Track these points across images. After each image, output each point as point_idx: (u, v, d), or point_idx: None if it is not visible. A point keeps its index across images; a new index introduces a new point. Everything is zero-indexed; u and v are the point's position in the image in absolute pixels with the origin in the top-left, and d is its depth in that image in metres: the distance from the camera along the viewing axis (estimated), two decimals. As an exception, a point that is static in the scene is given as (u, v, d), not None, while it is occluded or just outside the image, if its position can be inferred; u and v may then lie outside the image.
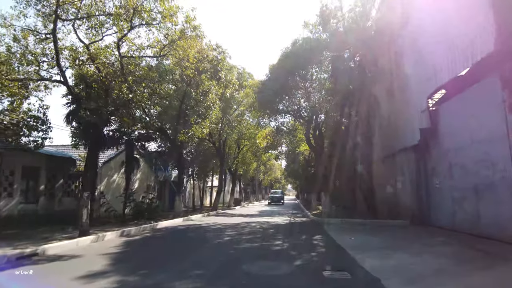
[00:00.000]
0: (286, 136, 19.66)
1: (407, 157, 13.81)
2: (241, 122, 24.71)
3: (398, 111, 14.40)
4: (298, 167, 30.53)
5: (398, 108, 14.39)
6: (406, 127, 13.77)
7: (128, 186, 15.76)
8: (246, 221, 15.39)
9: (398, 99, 14.25)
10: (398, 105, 14.34)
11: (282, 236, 10.03)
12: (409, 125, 13.43)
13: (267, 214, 21.48)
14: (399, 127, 14.44)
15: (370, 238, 9.75)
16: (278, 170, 60.31)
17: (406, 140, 13.81)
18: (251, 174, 40.46)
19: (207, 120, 16.08)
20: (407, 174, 13.85)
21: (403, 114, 13.96)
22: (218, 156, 24.90)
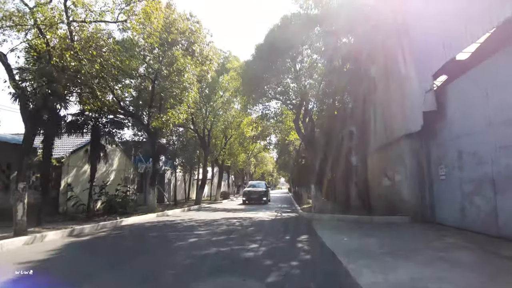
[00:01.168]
0: (274, 121, 17.89)
1: (407, 146, 12.19)
2: (227, 110, 22.92)
3: (398, 94, 12.74)
4: (288, 159, 28.87)
5: (398, 91, 12.72)
6: (407, 111, 12.12)
7: (93, 177, 13.93)
8: (227, 217, 13.72)
9: (398, 80, 12.58)
10: (399, 87, 12.67)
11: (262, 237, 8.35)
12: (411, 109, 11.79)
13: (252, 209, 19.82)
14: (399, 112, 12.79)
15: (366, 239, 8.12)
16: (270, 163, 58.69)
17: (406, 126, 12.17)
18: (240, 166, 38.72)
19: (184, 104, 14.30)
20: (407, 165, 12.24)
21: (404, 97, 12.30)
22: (202, 146, 23.13)
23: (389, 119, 13.74)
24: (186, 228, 10.08)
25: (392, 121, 13.50)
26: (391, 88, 13.19)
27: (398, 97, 12.74)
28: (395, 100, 12.99)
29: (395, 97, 12.95)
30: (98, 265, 5.55)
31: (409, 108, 11.88)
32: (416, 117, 11.33)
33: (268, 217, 13.81)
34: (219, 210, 18.67)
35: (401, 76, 12.34)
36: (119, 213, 15.65)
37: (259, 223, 11.55)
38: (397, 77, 12.60)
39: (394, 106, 13.10)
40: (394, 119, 13.23)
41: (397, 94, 12.80)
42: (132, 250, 6.90)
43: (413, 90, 11.57)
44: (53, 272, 5.14)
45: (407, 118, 12.09)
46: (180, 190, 33.20)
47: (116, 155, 21.70)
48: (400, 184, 12.96)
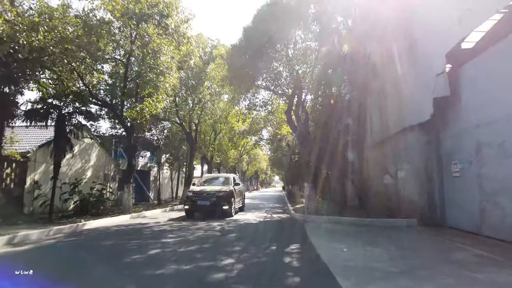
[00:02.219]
0: (263, 113, 16.19)
1: (413, 139, 10.70)
2: (215, 102, 21.27)
3: (404, 79, 11.23)
4: (281, 156, 27.31)
5: (404, 76, 11.22)
6: (414, 99, 10.63)
7: (57, 174, 12.27)
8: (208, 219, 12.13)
9: (404, 63, 11.06)
10: (404, 72, 11.16)
11: (242, 247, 6.78)
12: (419, 96, 10.30)
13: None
14: (404, 100, 11.30)
15: (370, 248, 6.60)
16: (263, 160, 57.10)
17: (413, 116, 10.69)
18: (232, 163, 37.07)
19: (161, 91, 12.65)
20: (413, 161, 10.76)
21: (411, 83, 10.79)
22: (188, 141, 21.46)
23: (392, 109, 12.25)
24: (155, 234, 8.46)
25: (395, 111, 12.01)
26: (395, 73, 11.68)
27: (403, 83, 11.23)
28: (399, 86, 11.48)
29: (400, 83, 11.44)
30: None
31: (417, 95, 10.37)
32: (424, 105, 9.85)
33: (256, 219, 12.25)
34: (204, 210, 17.06)
35: (408, 58, 10.84)
36: (91, 214, 14.05)
37: (243, 227, 9.98)
38: (403, 60, 11.08)
39: (399, 93, 11.60)
40: (398, 108, 11.74)
41: (402, 80, 11.29)
42: (65, 267, 5.27)
43: (422, 74, 10.07)
44: None
45: (413, 106, 10.59)
46: (167, 189, 31.52)
47: (94, 150, 19.97)
48: (404, 182, 11.48)
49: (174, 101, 19.37)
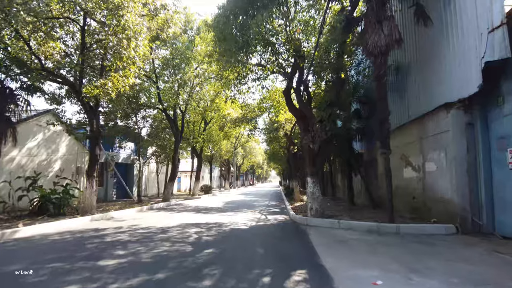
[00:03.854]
0: (254, 87, 13.49)
1: (449, 120, 8.23)
2: (203, 85, 18.66)
3: (438, 41, 8.73)
4: (278, 148, 24.79)
5: (438, 36, 8.71)
6: (451, 69, 8.15)
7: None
8: (188, 223, 9.65)
9: (438, 19, 8.53)
10: (439, 30, 8.65)
11: (219, 276, 4.30)
12: (459, 64, 7.83)
13: (233, 207, 15.79)
14: (437, 71, 8.81)
15: (419, 281, 4.13)
16: (259, 154, 54.58)
17: (449, 91, 8.23)
18: (225, 156, 34.48)
19: (128, 62, 10.08)
20: (448, 148, 8.30)
21: (448, 45, 8.30)
22: (172, 130, 18.87)
23: (420, 83, 9.75)
24: (98, 250, 5.93)
25: (424, 86, 9.51)
26: (426, 34, 9.17)
27: (437, 48, 8.72)
28: (432, 52, 8.96)
29: (432, 48, 8.92)
30: None
31: (457, 62, 7.89)
32: (468, 75, 7.39)
33: (246, 223, 9.76)
34: (187, 209, 14.58)
35: (445, 12, 8.30)
36: (50, 214, 11.60)
37: (228, 236, 7.47)
38: (438, 15, 8.54)
39: (430, 62, 9.09)
40: (428, 83, 9.25)
41: (435, 43, 8.76)
42: None
43: (466, 33, 7.57)
44: None
45: (452, 78, 8.11)
46: (154, 184, 28.99)
47: (63, 140, 17.36)
48: (434, 176, 9.03)
49: (154, 82, 16.76)
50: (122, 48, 9.26)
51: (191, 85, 18.50)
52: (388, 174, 8.53)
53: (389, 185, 8.49)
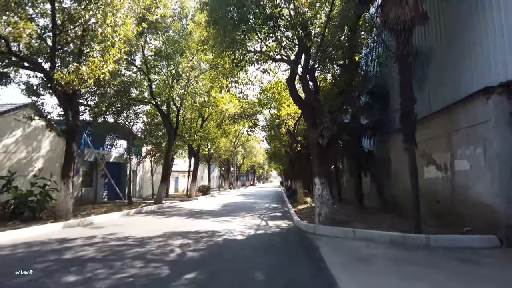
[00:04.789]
0: (251, 73, 12.02)
1: (487, 109, 6.78)
2: (198, 78, 17.24)
3: (468, 18, 7.29)
4: (280, 146, 23.31)
5: (470, 12, 7.27)
6: (487, 47, 6.72)
7: None
8: (175, 231, 8.23)
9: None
10: (471, 6, 7.21)
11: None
12: (496, 41, 6.40)
13: (230, 210, 14.36)
14: (467, 52, 7.37)
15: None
16: (260, 154, 53.10)
17: (484, 76, 6.81)
18: (224, 156, 33.00)
19: (108, 45, 8.68)
20: (486, 143, 6.86)
21: (482, 23, 6.86)
22: (165, 126, 17.45)
23: (445, 68, 8.31)
24: (44, 275, 4.48)
25: (450, 71, 8.06)
26: (453, 9, 7.73)
27: (470, 23, 7.26)
28: (461, 30, 7.51)
29: (463, 25, 7.46)
30: None
31: (497, 36, 6.46)
32: (501, 60, 5.97)
33: (243, 232, 8.31)
34: (179, 213, 13.15)
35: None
36: (23, 219, 10.28)
37: (219, 253, 6.02)
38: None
39: (459, 42, 7.64)
40: (456, 66, 7.80)
41: (467, 18, 7.30)
42: None
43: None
44: None
45: (491, 57, 6.67)
46: (151, 184, 27.52)
47: (46, 136, 15.95)
48: (467, 176, 7.59)
49: (145, 74, 15.34)
50: (97, 25, 7.84)
51: (187, 78, 17.10)
52: (414, 173, 7.10)
53: (415, 187, 7.06)
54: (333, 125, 8.21)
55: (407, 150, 7.17)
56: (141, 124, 20.64)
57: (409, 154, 7.14)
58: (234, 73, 9.45)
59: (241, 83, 10.44)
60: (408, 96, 7.22)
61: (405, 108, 7.23)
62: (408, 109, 7.19)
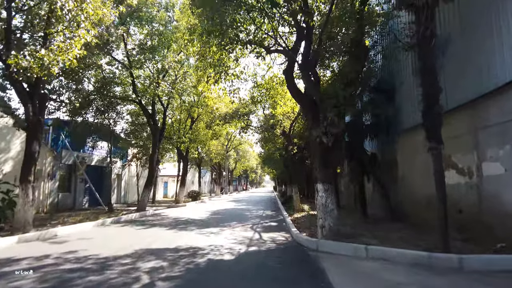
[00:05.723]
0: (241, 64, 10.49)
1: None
2: (186, 76, 15.89)
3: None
4: (274, 150, 21.99)
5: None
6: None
7: None
8: (149, 249, 6.82)
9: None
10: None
11: None
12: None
13: (219, 219, 12.98)
14: (494, 34, 6.16)
15: None
16: (253, 158, 51.74)
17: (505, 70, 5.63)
18: (215, 159, 31.52)
19: (73, 26, 7.34)
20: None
21: None
22: (150, 126, 16.02)
23: (468, 55, 7.09)
24: None
25: (474, 58, 6.85)
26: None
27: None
28: (487, 11, 6.31)
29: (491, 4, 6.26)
30: None
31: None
32: None
33: (232, 249, 6.94)
34: (162, 223, 11.70)
35: None
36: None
37: (197, 280, 4.64)
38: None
39: (484, 25, 6.42)
40: (483, 51, 6.58)
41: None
42: None
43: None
44: None
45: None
46: (135, 189, 25.88)
47: (17, 136, 14.37)
48: (499, 182, 6.36)
49: (127, 68, 13.94)
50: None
51: (174, 75, 15.75)
52: (440, 179, 5.82)
53: (442, 197, 5.76)
54: (340, 121, 6.93)
55: (432, 150, 5.92)
56: (125, 124, 19.20)
57: (435, 155, 5.88)
58: (223, 61, 8.14)
59: (232, 75, 9.11)
60: (431, 84, 5.99)
61: (428, 99, 5.99)
62: (432, 100, 5.95)
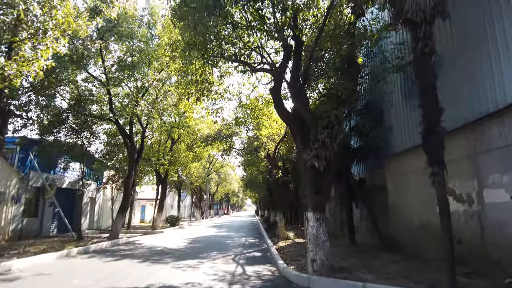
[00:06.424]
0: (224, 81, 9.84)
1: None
2: (167, 94, 15.23)
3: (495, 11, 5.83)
4: (257, 173, 21.28)
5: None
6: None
7: None
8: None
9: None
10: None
11: None
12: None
13: (198, 249, 11.98)
14: (495, 52, 5.86)
15: None
16: (235, 181, 50.68)
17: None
18: (196, 182, 30.37)
19: (40, 33, 6.62)
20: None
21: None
22: (126, 146, 15.07)
23: (466, 75, 6.76)
24: None
25: (473, 78, 6.51)
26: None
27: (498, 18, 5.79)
28: (485, 29, 6.03)
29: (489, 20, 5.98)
30: None
31: None
32: None
33: (212, 287, 6.07)
34: (135, 254, 10.60)
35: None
36: None
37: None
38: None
39: (482, 42, 6.13)
40: (482, 72, 6.26)
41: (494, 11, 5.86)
42: None
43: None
44: None
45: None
46: (110, 214, 24.32)
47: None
48: (504, 210, 5.87)
49: (104, 85, 13.17)
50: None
51: (155, 94, 15.08)
52: (445, 209, 5.26)
53: (447, 227, 5.20)
54: (333, 142, 6.37)
55: (434, 176, 5.38)
56: (100, 145, 18.13)
57: (437, 181, 5.33)
58: (205, 77, 7.56)
59: (215, 93, 8.51)
60: (432, 105, 5.53)
61: (429, 121, 5.52)
62: (433, 122, 5.47)
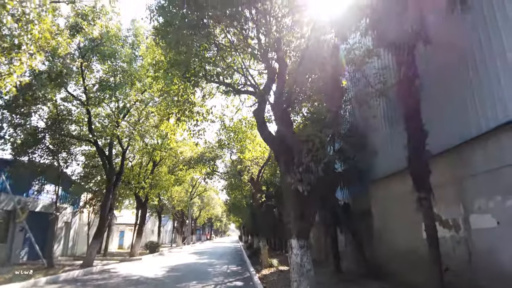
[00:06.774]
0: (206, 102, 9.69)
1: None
2: (149, 116, 14.93)
3: (482, 33, 5.95)
4: (241, 197, 20.86)
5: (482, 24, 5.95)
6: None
7: None
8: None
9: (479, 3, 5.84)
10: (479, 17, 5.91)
11: None
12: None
13: (177, 278, 11.34)
14: (483, 74, 5.94)
15: None
16: (218, 205, 49.66)
17: (503, 107, 5.34)
18: (177, 206, 29.48)
19: (13, 46, 6.34)
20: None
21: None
22: (104, 168, 14.49)
23: (451, 98, 6.80)
24: None
25: (458, 101, 6.54)
26: (457, 23, 6.38)
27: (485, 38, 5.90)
28: (471, 49, 6.13)
29: (476, 41, 6.09)
30: None
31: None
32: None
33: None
34: (107, 285, 9.89)
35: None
36: None
37: None
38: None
39: (468, 64, 6.21)
40: (467, 94, 6.30)
41: (481, 32, 5.97)
42: None
43: None
44: None
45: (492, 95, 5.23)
46: (86, 240, 23.09)
47: None
48: (491, 236, 5.74)
49: (83, 105, 12.79)
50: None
51: (137, 115, 14.77)
52: (433, 238, 5.16)
53: (434, 256, 5.13)
54: (317, 166, 6.18)
55: (421, 201, 5.23)
56: (77, 166, 17.45)
57: (424, 206, 5.20)
58: (187, 97, 7.36)
59: (197, 114, 8.30)
60: (417, 128, 5.49)
61: (414, 145, 5.45)
62: (418, 146, 5.41)
